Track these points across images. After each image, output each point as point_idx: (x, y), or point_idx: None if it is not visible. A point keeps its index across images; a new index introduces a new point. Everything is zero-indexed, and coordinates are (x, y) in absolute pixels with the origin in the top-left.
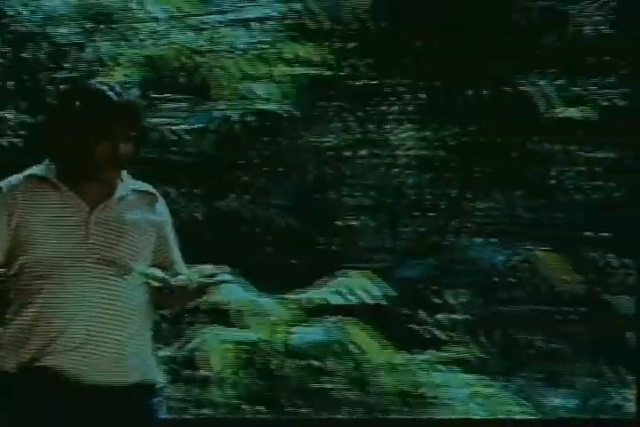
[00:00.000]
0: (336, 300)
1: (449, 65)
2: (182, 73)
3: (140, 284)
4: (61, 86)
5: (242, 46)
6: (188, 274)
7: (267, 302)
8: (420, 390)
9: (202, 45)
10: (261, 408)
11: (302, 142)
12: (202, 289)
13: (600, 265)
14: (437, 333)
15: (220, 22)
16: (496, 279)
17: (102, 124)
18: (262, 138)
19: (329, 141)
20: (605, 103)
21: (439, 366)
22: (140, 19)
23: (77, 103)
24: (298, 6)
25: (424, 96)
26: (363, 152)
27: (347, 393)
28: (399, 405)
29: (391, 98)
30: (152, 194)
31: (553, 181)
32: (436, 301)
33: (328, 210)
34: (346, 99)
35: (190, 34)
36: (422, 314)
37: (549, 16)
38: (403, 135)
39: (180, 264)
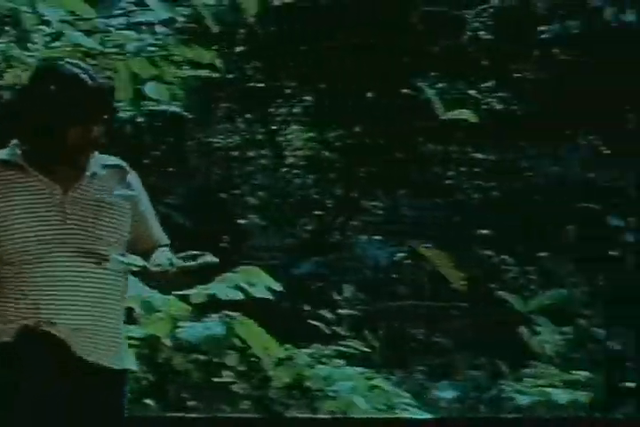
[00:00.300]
0: (224, 295)
1: (334, 69)
2: None
3: (121, 269)
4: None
5: (133, 49)
6: (170, 257)
7: (155, 297)
8: (306, 384)
9: (94, 48)
10: (150, 402)
11: (193, 143)
12: (184, 273)
13: (481, 262)
14: (324, 327)
15: (111, 26)
16: (381, 276)
17: (77, 108)
18: (153, 138)
19: (218, 142)
20: (485, 107)
21: (325, 360)
22: (34, 21)
23: (52, 87)
24: (187, 11)
25: (310, 99)
26: (251, 153)
27: (234, 387)
28: (286, 398)
29: (278, 100)
30: (123, 168)
31: (435, 181)
32: (323, 296)
33: (219, 209)
34: (234, 101)
35: (83, 36)
36: (309, 309)
37: (435, 22)
38: (290, 136)
39: (162, 236)
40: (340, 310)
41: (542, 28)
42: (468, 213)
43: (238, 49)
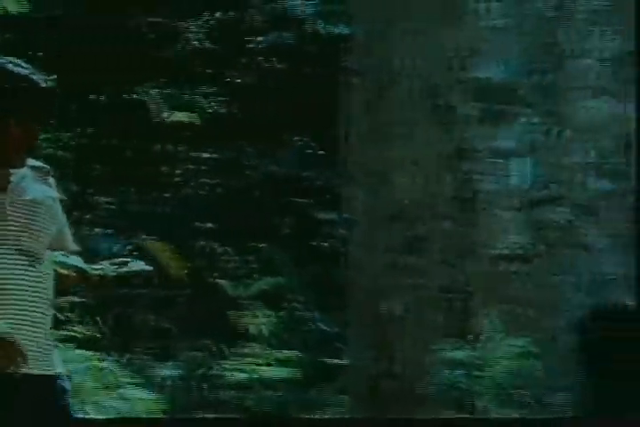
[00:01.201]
0: None
1: (67, 73)
2: None
3: (51, 271)
4: None
5: None
6: (82, 264)
7: None
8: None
9: None
10: None
11: None
12: (120, 279)
13: (205, 253)
14: (57, 313)
15: None
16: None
17: (27, 106)
18: None
19: None
20: (210, 110)
21: (58, 344)
22: None
23: (3, 83)
24: None
25: None
26: None
27: None
28: None
29: None
30: (46, 169)
31: (164, 179)
32: None
33: None
34: None
35: None
36: None
37: (163, 31)
38: None
39: (72, 242)
40: (72, 298)
41: (259, 38)
42: (193, 209)
43: None
